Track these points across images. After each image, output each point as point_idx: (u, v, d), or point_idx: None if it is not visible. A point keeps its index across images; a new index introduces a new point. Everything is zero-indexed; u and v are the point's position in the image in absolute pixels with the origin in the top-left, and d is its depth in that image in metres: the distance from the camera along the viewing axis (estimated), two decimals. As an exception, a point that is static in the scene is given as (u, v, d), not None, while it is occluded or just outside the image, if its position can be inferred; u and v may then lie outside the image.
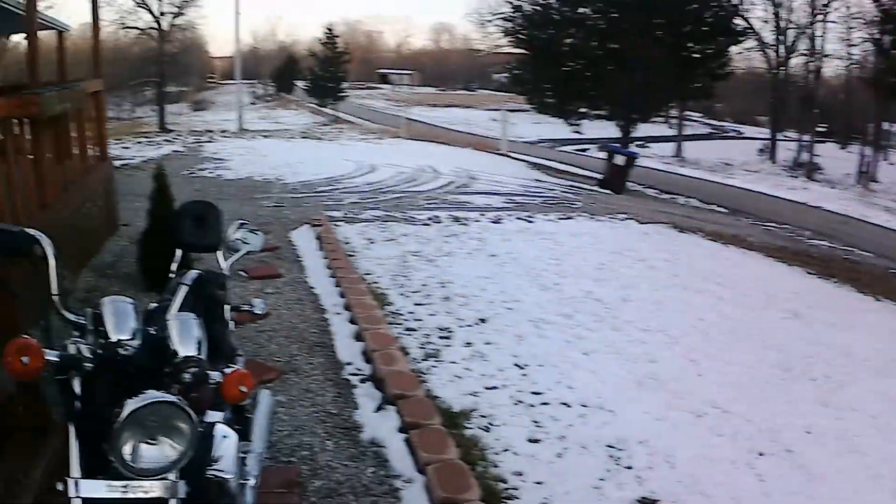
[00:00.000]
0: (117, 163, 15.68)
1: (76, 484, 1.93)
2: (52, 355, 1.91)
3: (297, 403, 4.78)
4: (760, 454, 4.58)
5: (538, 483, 4.02)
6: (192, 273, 2.62)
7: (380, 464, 4.14)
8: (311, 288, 7.19)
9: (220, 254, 3.57)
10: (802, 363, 6.32)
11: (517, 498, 3.88)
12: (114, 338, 1.97)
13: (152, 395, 1.89)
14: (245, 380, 2.11)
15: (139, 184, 9.37)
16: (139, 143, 24.10)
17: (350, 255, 8.41)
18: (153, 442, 1.93)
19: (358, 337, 5.82)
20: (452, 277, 7.75)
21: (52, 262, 2.14)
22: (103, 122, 9.14)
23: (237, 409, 3.47)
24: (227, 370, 2.13)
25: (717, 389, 5.45)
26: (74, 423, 1.98)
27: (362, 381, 5.13)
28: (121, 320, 2.00)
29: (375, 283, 7.39)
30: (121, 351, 1.98)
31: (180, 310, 2.58)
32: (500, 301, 7.07)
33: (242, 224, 3.44)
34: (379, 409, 4.68)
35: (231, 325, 3.50)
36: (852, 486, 4.43)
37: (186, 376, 2.06)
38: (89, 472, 1.97)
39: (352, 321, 6.16)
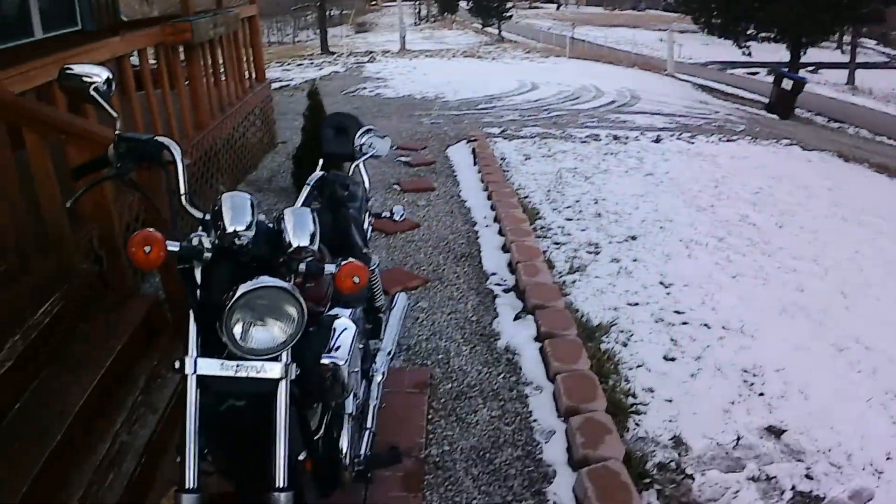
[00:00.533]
0: (278, 84, 16.14)
1: (192, 362, 2.03)
2: (173, 246, 1.99)
3: (438, 310, 4.88)
4: (898, 395, 4.35)
5: (668, 401, 3.96)
6: (316, 174, 2.67)
7: (512, 371, 4.18)
8: (464, 201, 7.24)
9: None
10: (957, 305, 5.89)
11: (644, 413, 3.84)
12: (230, 229, 2.01)
13: (263, 280, 1.97)
14: (358, 272, 2.13)
15: (299, 103, 9.58)
16: (300, 65, 24.61)
17: (505, 171, 8.38)
18: (262, 324, 2.00)
19: (505, 249, 5.86)
20: (606, 195, 7.61)
21: (179, 165, 2.22)
22: (259, 45, 9.35)
23: (371, 309, 3.57)
24: (343, 262, 2.15)
25: (863, 325, 5.15)
26: (194, 309, 2.07)
27: (505, 291, 5.16)
28: (237, 213, 2.04)
29: (528, 197, 7.36)
30: (236, 241, 2.03)
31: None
32: (653, 220, 6.91)
33: (369, 129, 3.48)
34: (517, 318, 4.72)
35: (369, 229, 3.57)
36: None
37: (301, 267, 2.11)
38: (206, 355, 2.07)
39: (500, 233, 6.20)
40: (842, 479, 3.45)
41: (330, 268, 2.15)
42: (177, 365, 2.03)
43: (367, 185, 3.67)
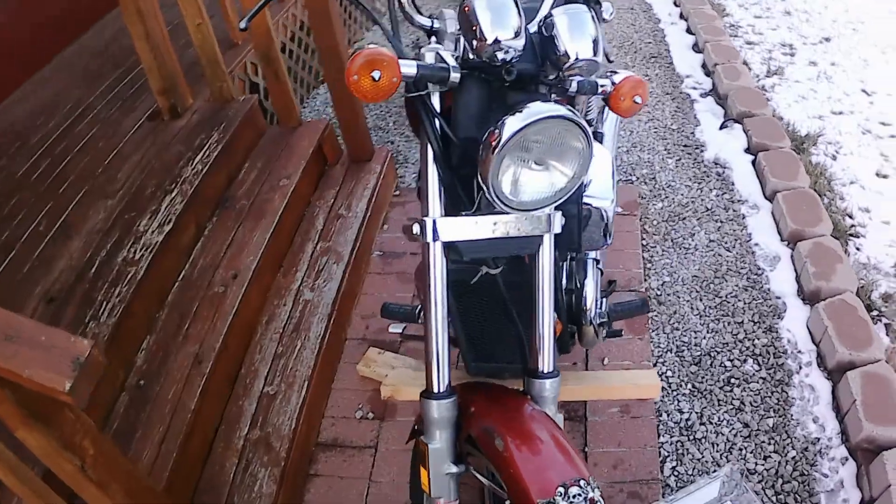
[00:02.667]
0: None
1: (435, 226, 1.43)
2: (408, 67, 1.32)
3: (634, 118, 4.34)
4: None
5: (885, 223, 3.40)
6: None
7: (724, 187, 3.67)
8: (643, -3, 6.46)
9: None
10: None
11: (863, 237, 3.32)
12: (490, 38, 1.33)
13: (543, 108, 1.31)
14: (640, 88, 1.50)
15: None
16: None
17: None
18: (540, 168, 1.38)
19: (696, 49, 5.20)
20: (793, -9, 6.66)
21: None
22: None
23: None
24: (618, 76, 1.51)
25: None
26: (436, 153, 1.44)
27: (702, 95, 4.56)
28: (499, 15, 1.33)
29: (712, -9, 6.52)
30: (499, 55, 1.36)
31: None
32: (844, 21, 5.94)
33: None
34: (723, 126, 4.16)
35: None
36: None
37: (571, 85, 1.43)
38: (448, 211, 1.48)
39: (689, 31, 5.50)
40: None
41: (604, 82, 1.50)
42: (415, 230, 1.45)
43: None
